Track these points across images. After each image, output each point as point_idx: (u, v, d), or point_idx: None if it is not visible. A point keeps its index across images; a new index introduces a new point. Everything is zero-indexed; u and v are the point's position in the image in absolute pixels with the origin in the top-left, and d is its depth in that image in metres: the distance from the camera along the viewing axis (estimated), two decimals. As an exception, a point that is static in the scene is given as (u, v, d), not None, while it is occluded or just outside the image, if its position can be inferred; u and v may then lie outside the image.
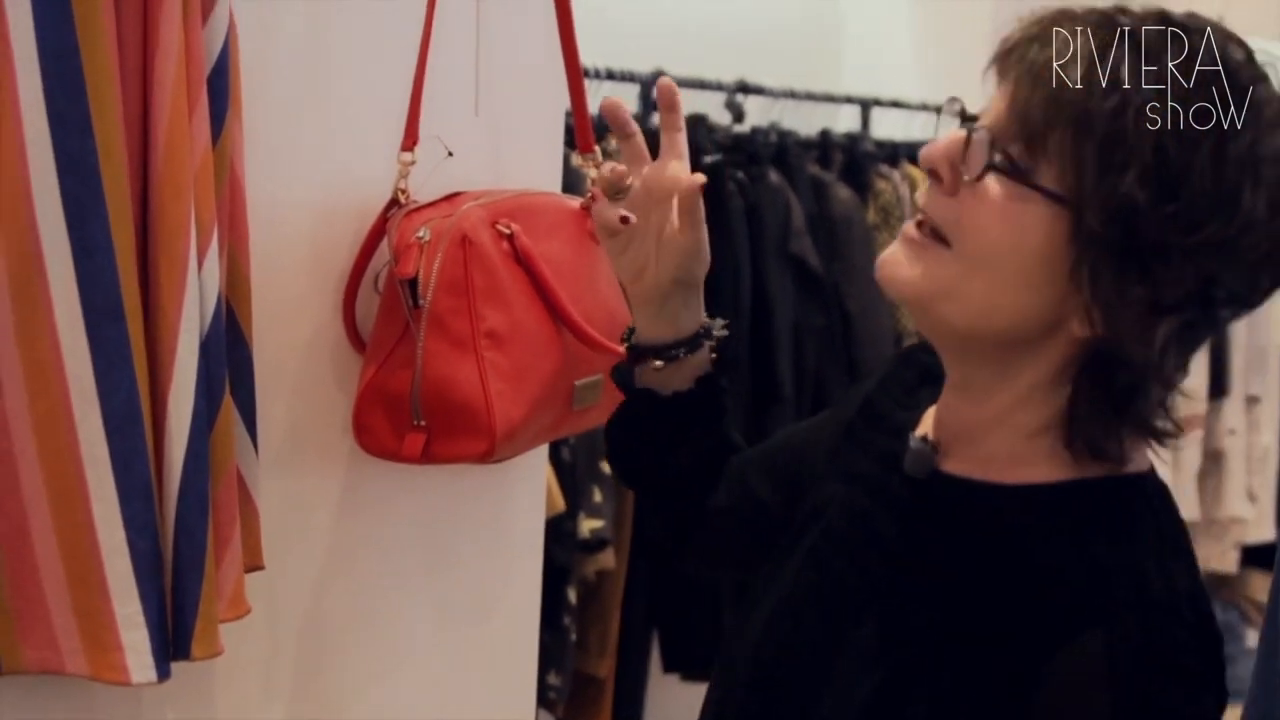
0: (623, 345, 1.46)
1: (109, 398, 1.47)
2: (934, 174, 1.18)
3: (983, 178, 1.14)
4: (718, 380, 1.46)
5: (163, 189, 1.50)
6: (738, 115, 3.55)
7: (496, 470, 1.97)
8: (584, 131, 1.93)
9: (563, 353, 1.83)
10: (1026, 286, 1.14)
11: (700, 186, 1.35)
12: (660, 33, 3.69)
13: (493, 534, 2.08)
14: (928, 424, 1.29)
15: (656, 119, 3.57)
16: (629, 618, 3.32)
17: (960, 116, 1.20)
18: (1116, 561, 1.14)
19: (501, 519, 2.09)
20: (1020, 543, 1.18)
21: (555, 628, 3.01)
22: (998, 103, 1.16)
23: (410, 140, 1.82)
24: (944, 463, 1.24)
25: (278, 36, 1.75)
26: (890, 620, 1.21)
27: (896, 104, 3.92)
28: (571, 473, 3.02)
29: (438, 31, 1.82)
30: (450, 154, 1.86)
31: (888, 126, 3.96)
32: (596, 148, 1.93)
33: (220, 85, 1.56)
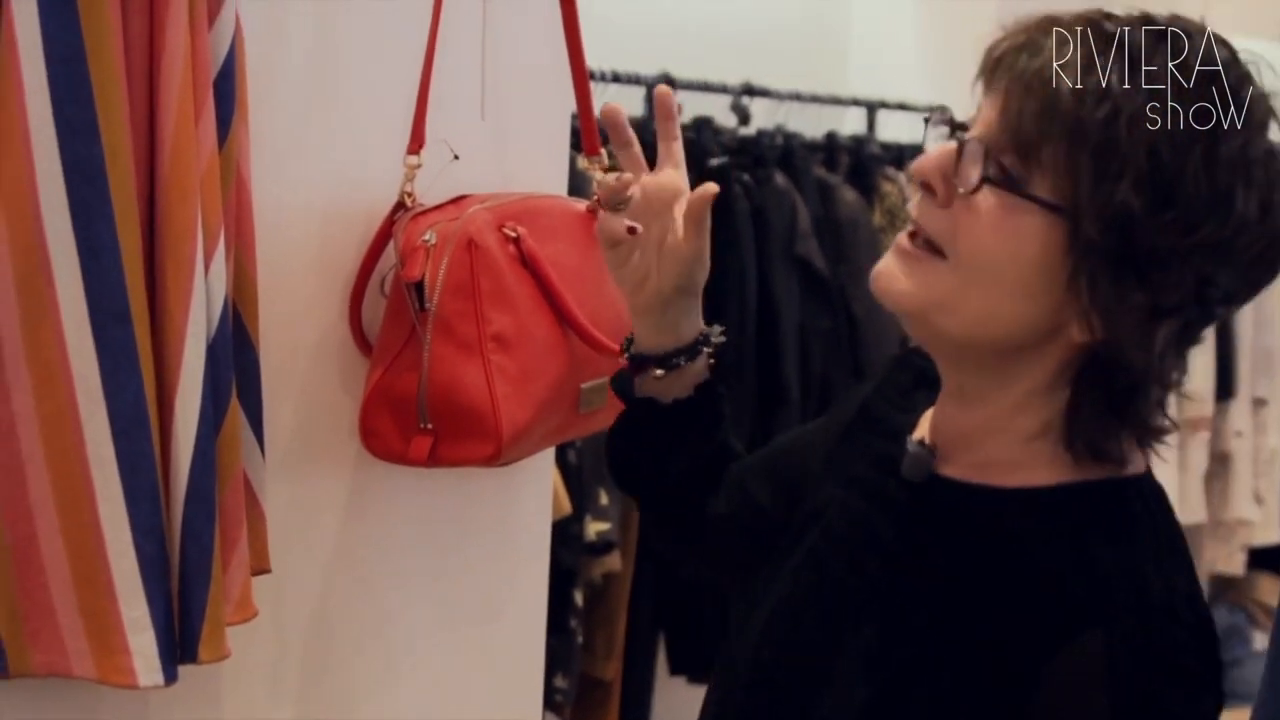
0: (623, 355, 1.46)
1: (116, 400, 1.47)
2: (927, 186, 1.18)
3: (978, 190, 1.14)
4: (716, 387, 1.46)
5: (169, 192, 1.50)
6: (743, 118, 3.55)
7: (503, 473, 1.97)
8: (589, 134, 1.93)
9: (569, 356, 1.83)
10: (1024, 296, 1.15)
11: (714, 196, 1.34)
12: (666, 35, 3.70)
13: (499, 537, 2.08)
14: (925, 427, 1.29)
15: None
16: (635, 620, 3.32)
17: (950, 126, 1.20)
18: (1116, 563, 1.14)
19: (508, 522, 2.09)
20: (1019, 545, 1.18)
21: (562, 630, 3.02)
22: (987, 112, 1.16)
23: (416, 143, 1.82)
24: (941, 467, 1.25)
25: (284, 40, 1.75)
26: (890, 622, 1.22)
27: (902, 106, 3.92)
28: (578, 475, 3.03)
29: (444, 35, 1.82)
30: (456, 157, 1.86)
31: (893, 129, 3.96)
32: (602, 150, 1.93)
33: (226, 89, 1.56)
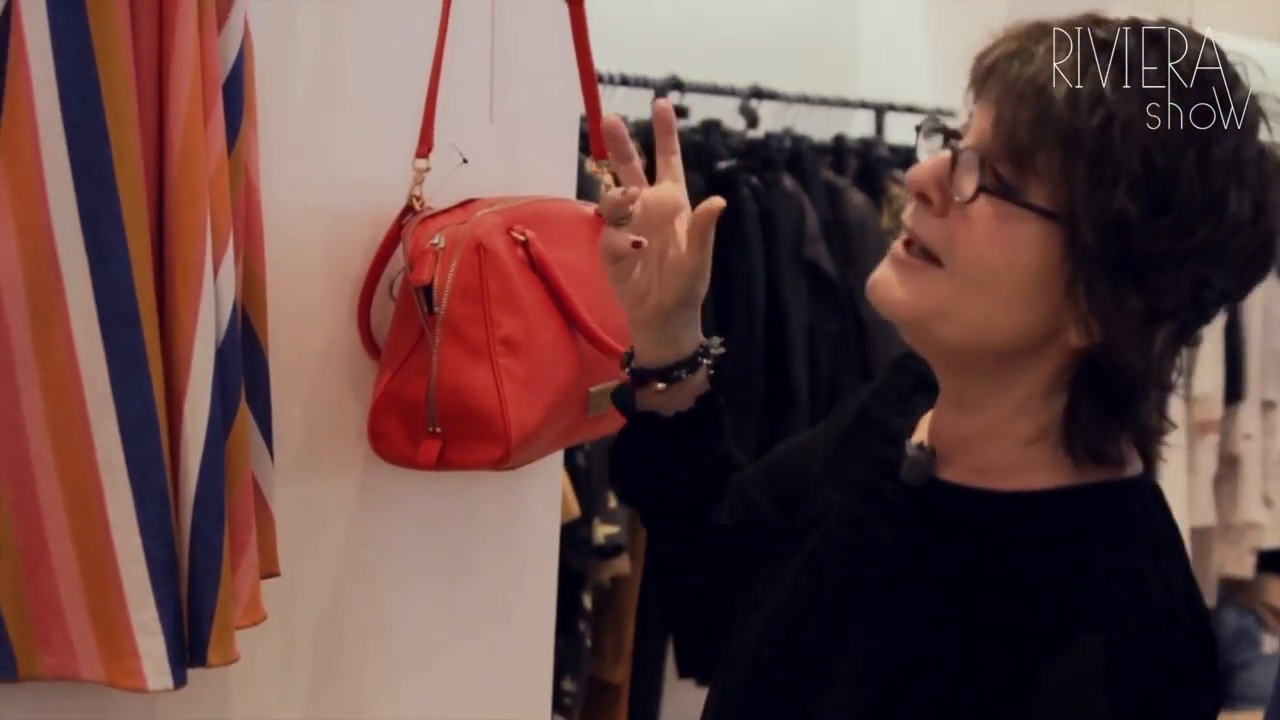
0: (624, 370, 1.46)
1: (125, 404, 1.47)
2: (922, 196, 1.18)
3: (974, 199, 1.14)
4: (717, 398, 1.46)
5: (178, 196, 1.50)
6: (752, 121, 3.55)
7: (512, 476, 1.97)
8: (597, 138, 1.93)
9: (578, 359, 1.83)
10: (1022, 302, 1.15)
11: (720, 210, 1.34)
12: (674, 38, 3.69)
13: (508, 540, 2.08)
14: (923, 430, 1.30)
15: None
16: (644, 623, 3.32)
17: (943, 134, 1.20)
18: (1114, 566, 1.15)
19: (517, 525, 2.09)
20: (1019, 548, 1.18)
21: (570, 633, 3.01)
22: (980, 120, 1.16)
23: (425, 147, 1.83)
24: (940, 470, 1.25)
25: (293, 44, 1.75)
26: (889, 624, 1.22)
27: (911, 109, 3.91)
28: (587, 478, 3.02)
29: (452, 38, 1.83)
30: (465, 161, 1.86)
31: (902, 131, 3.95)
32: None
33: (235, 92, 1.56)
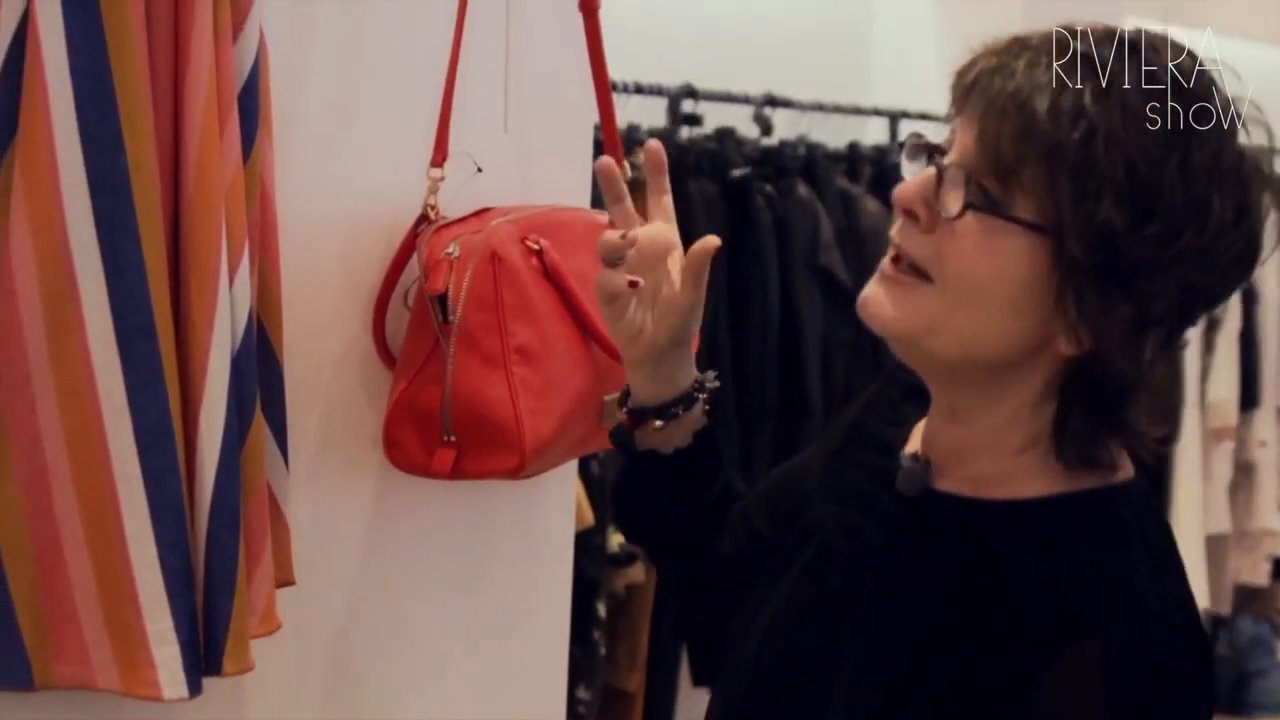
0: (620, 410, 1.46)
1: (141, 413, 1.47)
2: (909, 213, 1.19)
3: (962, 215, 1.15)
4: (714, 432, 1.47)
5: (194, 206, 1.50)
6: (766, 128, 3.55)
7: (526, 484, 1.97)
8: (613, 146, 1.94)
9: (592, 368, 1.83)
10: (1012, 314, 1.16)
11: (715, 249, 1.35)
12: (688, 46, 3.70)
13: (522, 548, 2.08)
14: (916, 440, 1.31)
15: (684, 132, 3.57)
16: (658, 631, 3.32)
17: (926, 151, 1.21)
18: (1108, 571, 1.16)
19: (531, 533, 2.09)
20: (1014, 556, 1.19)
21: (585, 642, 3.01)
22: (963, 136, 1.18)
23: (440, 156, 1.83)
24: (935, 480, 1.26)
25: (308, 54, 1.75)
26: (888, 632, 1.23)
27: (925, 116, 3.91)
28: (601, 487, 3.02)
29: (467, 47, 1.83)
30: (480, 169, 1.86)
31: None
32: (626, 163, 1.93)
33: (251, 103, 1.57)
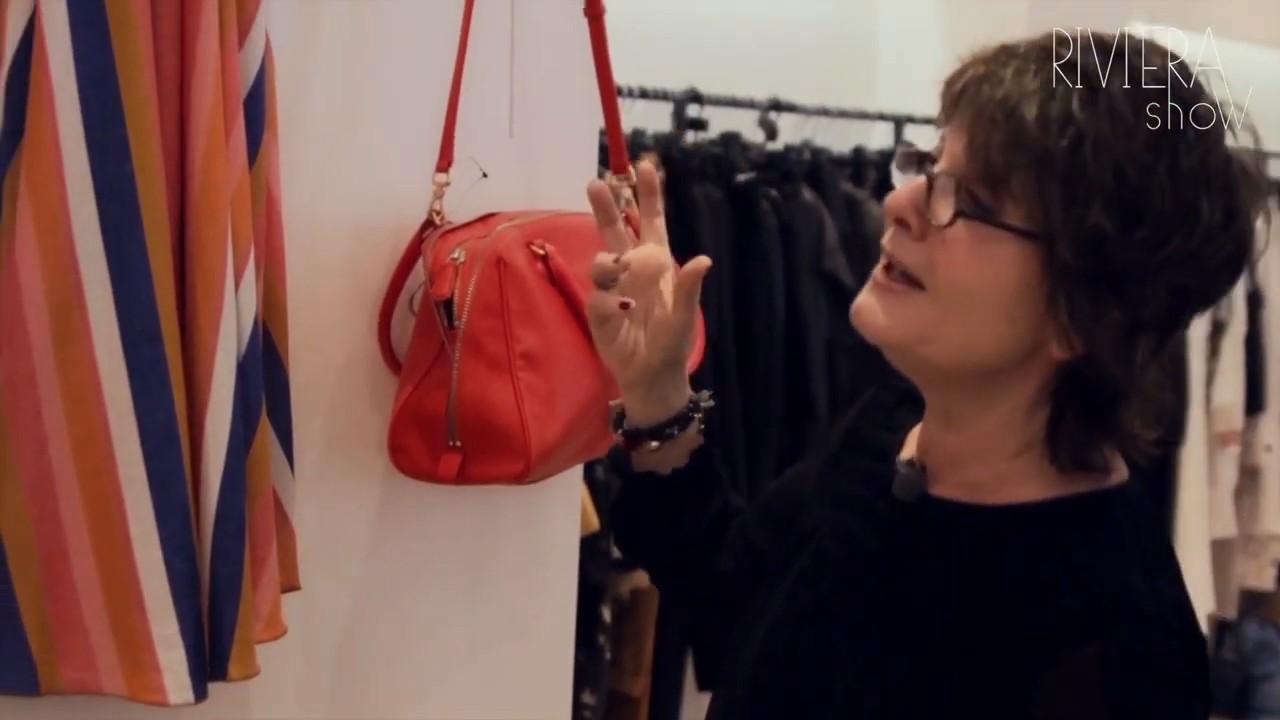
0: (616, 432, 1.47)
1: (146, 419, 1.47)
2: (901, 221, 1.20)
3: (953, 223, 1.16)
4: (710, 450, 1.48)
5: (200, 211, 1.50)
6: (771, 133, 3.55)
7: (531, 490, 1.97)
8: (617, 151, 1.94)
9: (598, 373, 1.83)
10: (1004, 320, 1.17)
11: (705, 270, 1.35)
12: (693, 51, 3.70)
13: (527, 553, 2.08)
14: (912, 446, 1.32)
15: (690, 137, 3.58)
16: (663, 636, 3.32)
17: (917, 160, 1.22)
18: (1104, 574, 1.17)
19: (536, 538, 2.09)
20: (1010, 560, 1.20)
21: (590, 646, 3.01)
22: (952, 144, 1.19)
23: (445, 161, 1.83)
24: (932, 486, 1.27)
25: (313, 59, 1.75)
26: (887, 638, 1.23)
27: (929, 121, 3.88)
28: (606, 492, 3.03)
29: (472, 53, 1.83)
30: (485, 175, 1.86)
31: (921, 143, 3.94)
32: (631, 168, 1.93)
33: (256, 108, 1.57)
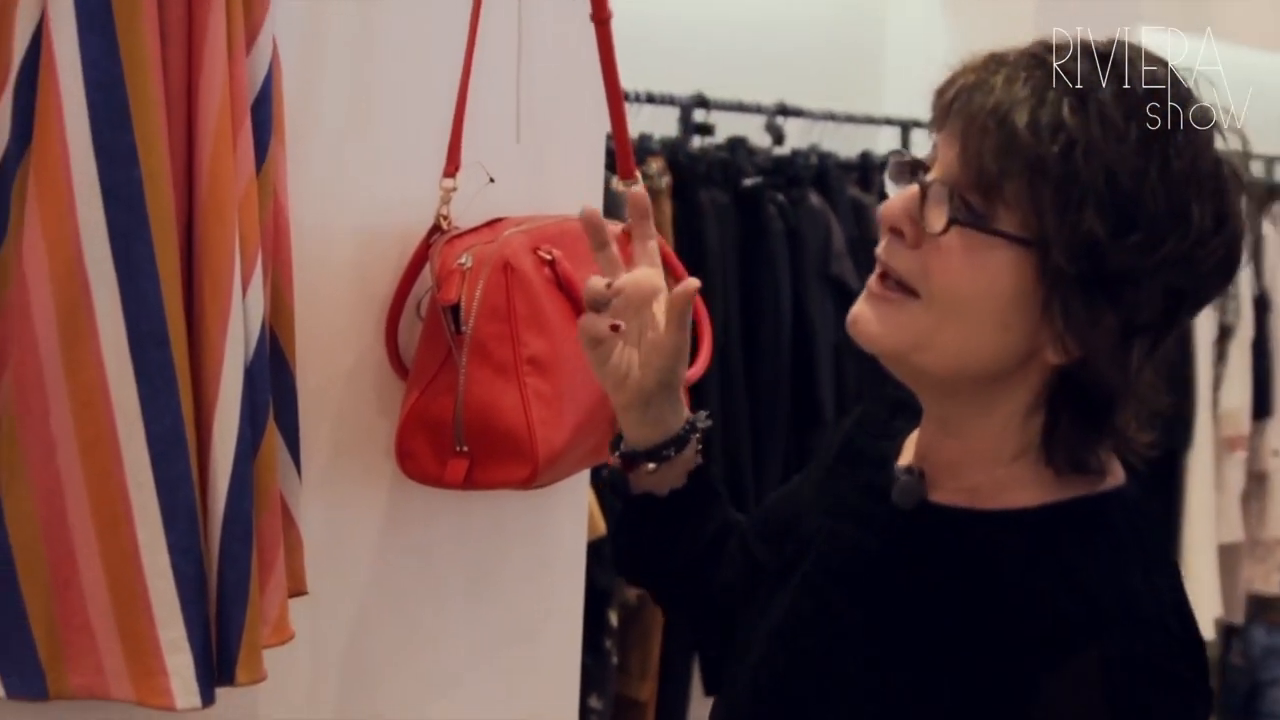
0: (613, 454, 1.47)
1: (154, 423, 1.47)
2: (895, 230, 1.20)
3: (947, 230, 1.16)
4: (708, 469, 1.48)
5: (207, 216, 1.50)
6: (778, 138, 3.55)
7: (538, 494, 1.98)
8: (625, 157, 1.94)
9: (604, 378, 1.83)
10: (1000, 326, 1.17)
11: (695, 291, 1.35)
12: (700, 56, 3.70)
13: (535, 557, 2.08)
14: (909, 453, 1.32)
15: (696, 142, 3.58)
16: (670, 640, 3.32)
17: (910, 169, 1.23)
18: (1103, 578, 1.17)
19: (543, 542, 2.09)
20: (1010, 565, 1.20)
21: (597, 650, 3.01)
22: (945, 152, 1.19)
23: (452, 166, 1.83)
24: (931, 492, 1.27)
25: (321, 64, 1.76)
26: (888, 644, 1.24)
27: (937, 125, 3.91)
28: (613, 496, 3.02)
29: (479, 58, 1.83)
30: (492, 180, 1.87)
31: (928, 148, 3.94)
32: (637, 173, 1.93)
33: (264, 113, 1.57)
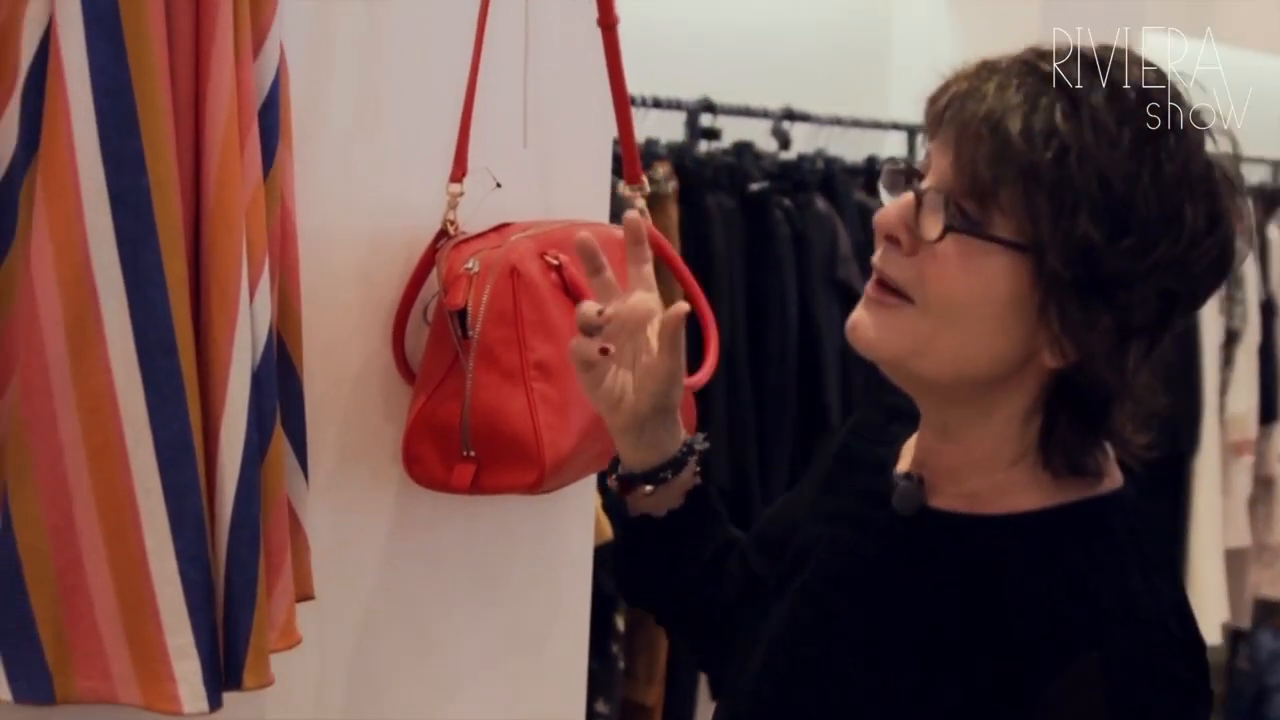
0: (611, 477, 1.47)
1: (162, 429, 1.48)
2: (891, 238, 1.21)
3: (942, 237, 1.17)
4: (707, 490, 1.48)
5: (214, 222, 1.51)
6: (784, 142, 3.55)
7: (545, 499, 1.98)
8: (631, 161, 1.94)
9: (611, 383, 1.83)
10: (997, 331, 1.18)
11: (685, 316, 1.35)
12: (707, 61, 3.70)
13: (541, 562, 2.08)
14: (907, 459, 1.32)
15: (703, 146, 3.57)
16: (677, 645, 3.31)
17: (904, 177, 1.23)
18: (1103, 581, 1.17)
19: (550, 547, 2.09)
20: (1011, 570, 1.20)
21: (603, 655, 3.01)
22: (938, 160, 1.19)
23: (459, 171, 1.83)
24: (930, 498, 1.27)
25: (328, 70, 1.76)
26: (890, 650, 1.24)
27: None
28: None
29: (486, 63, 1.83)
30: (499, 185, 1.87)
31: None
32: (644, 178, 1.94)
33: (271, 119, 1.57)
